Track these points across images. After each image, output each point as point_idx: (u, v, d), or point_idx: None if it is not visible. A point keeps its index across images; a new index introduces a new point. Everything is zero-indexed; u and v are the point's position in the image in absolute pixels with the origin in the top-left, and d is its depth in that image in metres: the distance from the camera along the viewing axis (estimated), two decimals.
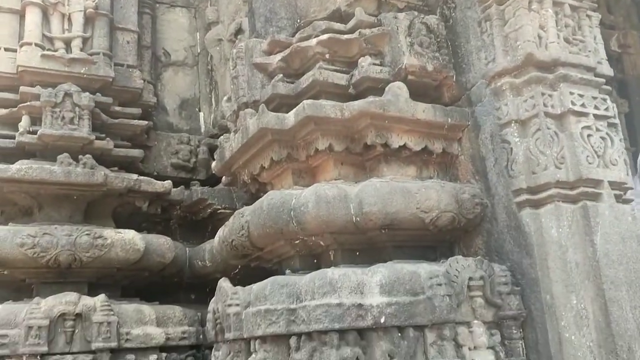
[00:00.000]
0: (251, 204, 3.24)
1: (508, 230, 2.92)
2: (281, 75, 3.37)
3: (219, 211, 4.70)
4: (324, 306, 2.50)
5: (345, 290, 2.55)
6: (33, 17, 4.39)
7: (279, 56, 3.41)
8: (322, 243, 2.98)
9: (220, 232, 3.62)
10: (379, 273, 2.65)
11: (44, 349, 3.45)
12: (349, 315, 2.49)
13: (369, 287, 2.59)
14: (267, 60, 3.47)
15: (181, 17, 5.69)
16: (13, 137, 4.22)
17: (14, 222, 4.09)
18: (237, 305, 2.89)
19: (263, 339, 2.67)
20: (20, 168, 3.89)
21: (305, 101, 2.98)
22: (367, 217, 2.83)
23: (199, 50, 5.58)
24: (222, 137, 3.92)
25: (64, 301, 3.61)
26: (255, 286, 2.81)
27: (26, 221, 4.14)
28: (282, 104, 3.33)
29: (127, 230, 4.09)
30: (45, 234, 3.79)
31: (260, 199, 3.08)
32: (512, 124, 2.92)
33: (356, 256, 3.03)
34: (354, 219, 2.85)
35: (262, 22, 3.65)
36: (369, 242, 3.03)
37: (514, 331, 2.78)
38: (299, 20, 3.62)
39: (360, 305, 2.52)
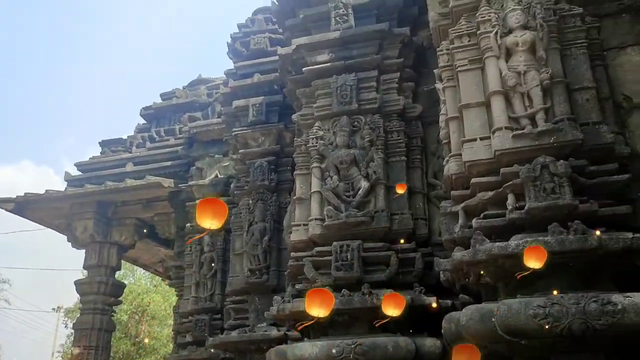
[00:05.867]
0: None
1: None
2: None
3: None
4: None
5: None
6: (497, 104, 4.81)
7: None
8: None
9: None
10: None
11: None
12: None
13: None
14: None
15: (634, 55, 5.35)
16: (503, 215, 4.59)
17: (518, 293, 4.35)
18: None
19: None
20: (518, 243, 4.18)
21: None
22: None
23: None
24: None
25: None
26: None
27: (527, 292, 4.36)
28: None
29: (637, 294, 3.84)
30: (554, 304, 3.90)
31: None
32: None
33: None
34: None
35: None
36: None
37: None
38: None
39: None
